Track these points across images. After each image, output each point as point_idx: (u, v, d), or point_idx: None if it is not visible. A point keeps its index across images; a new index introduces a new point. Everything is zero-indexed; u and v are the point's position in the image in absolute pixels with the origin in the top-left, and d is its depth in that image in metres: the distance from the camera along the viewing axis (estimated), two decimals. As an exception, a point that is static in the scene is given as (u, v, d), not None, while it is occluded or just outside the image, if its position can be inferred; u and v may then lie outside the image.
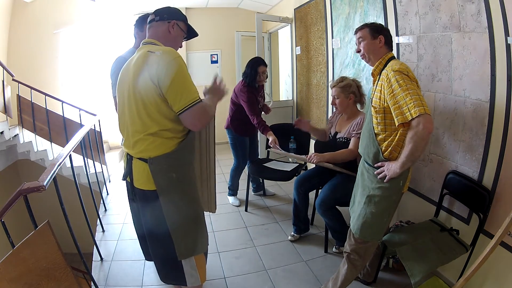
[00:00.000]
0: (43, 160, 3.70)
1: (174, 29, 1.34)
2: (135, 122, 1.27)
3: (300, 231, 2.48)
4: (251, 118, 2.73)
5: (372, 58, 1.55)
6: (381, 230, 1.58)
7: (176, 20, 1.35)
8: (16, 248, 1.44)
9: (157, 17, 1.34)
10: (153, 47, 1.27)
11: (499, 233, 1.37)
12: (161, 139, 1.25)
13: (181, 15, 1.39)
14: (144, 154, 1.27)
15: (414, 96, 1.29)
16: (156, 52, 1.22)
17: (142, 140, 1.26)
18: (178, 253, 1.32)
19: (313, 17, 3.51)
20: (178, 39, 1.39)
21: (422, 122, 1.26)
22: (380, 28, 1.55)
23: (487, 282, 1.62)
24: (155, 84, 1.20)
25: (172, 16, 1.34)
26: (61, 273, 1.51)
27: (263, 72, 2.75)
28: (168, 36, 1.34)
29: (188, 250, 1.34)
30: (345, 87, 2.11)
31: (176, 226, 1.30)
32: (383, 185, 1.49)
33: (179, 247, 1.31)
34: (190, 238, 1.34)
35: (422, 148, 1.32)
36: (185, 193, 1.33)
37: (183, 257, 1.34)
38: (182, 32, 1.39)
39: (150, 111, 1.23)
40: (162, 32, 1.34)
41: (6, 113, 3.47)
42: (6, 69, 3.54)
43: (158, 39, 1.33)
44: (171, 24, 1.33)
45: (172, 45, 1.34)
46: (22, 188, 1.60)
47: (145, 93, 1.22)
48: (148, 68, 1.20)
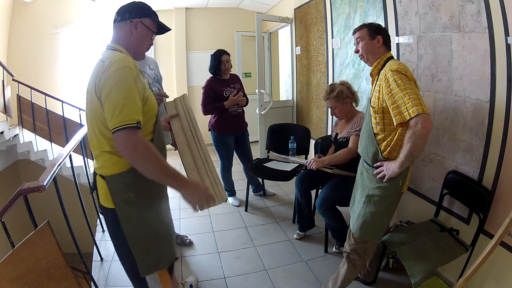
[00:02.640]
0: (43, 160, 3.70)
1: (138, 28, 1.20)
2: (92, 137, 1.18)
3: (305, 229, 2.49)
4: (201, 109, 2.80)
5: (371, 58, 1.55)
6: (381, 230, 1.58)
7: (139, 18, 1.20)
8: (16, 248, 1.44)
9: (118, 17, 1.20)
10: (108, 54, 1.15)
11: (499, 233, 1.37)
12: (116, 156, 1.13)
13: (147, 11, 1.24)
14: (102, 171, 1.18)
15: (412, 95, 1.29)
16: (105, 61, 1.09)
17: (99, 156, 1.17)
18: (140, 270, 1.24)
19: (313, 17, 3.51)
20: (144, 39, 1.24)
21: (420, 121, 1.27)
22: (378, 28, 1.55)
23: (487, 282, 1.62)
24: (98, 98, 1.07)
25: (134, 14, 1.20)
26: (61, 273, 1.51)
27: (227, 61, 2.79)
28: (130, 37, 1.20)
29: (150, 267, 1.26)
30: (338, 95, 2.12)
31: (137, 245, 1.22)
32: (382, 185, 1.49)
33: (141, 265, 1.24)
34: (153, 255, 1.26)
35: (420, 148, 1.32)
36: (144, 212, 1.22)
37: (145, 274, 1.26)
38: (148, 31, 1.24)
39: (101, 128, 1.11)
40: (124, 34, 1.20)
41: (6, 113, 3.47)
42: (6, 69, 3.54)
43: (119, 42, 1.20)
44: (134, 23, 1.19)
45: (137, 47, 1.23)
46: (22, 188, 1.60)
47: (94, 109, 1.10)
48: (95, 80, 1.08)
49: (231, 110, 2.82)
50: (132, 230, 1.20)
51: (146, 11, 1.24)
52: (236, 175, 3.32)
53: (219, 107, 2.77)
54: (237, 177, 3.35)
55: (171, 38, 5.14)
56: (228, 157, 2.98)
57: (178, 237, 2.45)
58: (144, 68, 2.02)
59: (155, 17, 1.27)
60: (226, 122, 2.84)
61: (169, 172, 1.10)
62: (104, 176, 1.17)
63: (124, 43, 1.20)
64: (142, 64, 1.98)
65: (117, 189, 1.17)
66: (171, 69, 5.19)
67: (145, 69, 2.03)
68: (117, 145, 1.05)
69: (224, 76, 2.84)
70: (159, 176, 1.09)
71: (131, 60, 1.16)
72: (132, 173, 1.14)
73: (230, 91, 2.82)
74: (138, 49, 1.24)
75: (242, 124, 2.98)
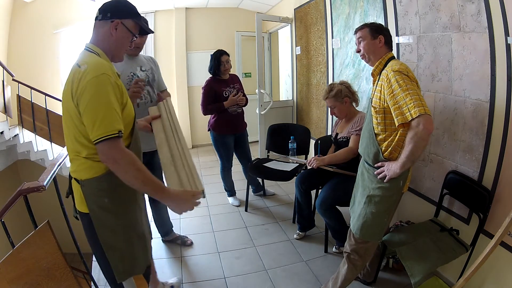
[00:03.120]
0: (43, 160, 3.70)
1: (118, 30, 1.14)
2: (67, 140, 1.16)
3: (305, 229, 2.49)
4: (201, 109, 2.82)
5: (372, 58, 1.54)
6: (381, 230, 1.58)
7: (121, 18, 1.14)
8: (16, 248, 1.44)
9: (100, 14, 1.15)
10: (84, 57, 1.11)
11: (499, 233, 1.37)
12: (91, 161, 1.12)
13: (130, 12, 1.18)
14: (76, 175, 1.16)
15: (414, 96, 1.29)
16: (82, 67, 1.05)
17: (74, 159, 1.16)
18: (116, 277, 1.24)
19: (313, 17, 3.51)
20: (123, 42, 1.18)
21: (422, 122, 1.26)
22: (380, 28, 1.55)
23: (487, 282, 1.62)
24: (75, 106, 1.05)
25: (116, 14, 1.14)
26: (61, 273, 1.51)
27: (226, 61, 2.79)
28: (109, 38, 1.15)
29: (125, 273, 1.25)
30: (337, 95, 2.13)
31: (112, 250, 1.21)
32: (383, 185, 1.49)
33: (116, 269, 1.23)
34: (127, 260, 1.25)
35: (422, 148, 1.32)
36: (119, 217, 1.21)
37: (121, 280, 1.25)
38: (128, 33, 1.17)
39: (77, 135, 1.10)
40: (103, 35, 1.15)
41: (6, 113, 3.47)
42: (6, 69, 3.54)
43: (97, 43, 1.16)
44: (114, 24, 1.13)
45: (116, 49, 1.18)
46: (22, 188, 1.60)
47: (70, 114, 1.08)
48: (71, 85, 1.05)
49: (231, 110, 2.82)
50: (107, 235, 1.19)
51: (129, 11, 1.18)
52: (236, 175, 3.32)
53: (219, 107, 2.77)
54: (237, 177, 3.35)
55: (171, 38, 5.14)
56: (227, 157, 2.98)
57: (179, 238, 2.45)
58: (134, 69, 1.90)
59: (138, 18, 1.21)
60: (226, 122, 2.84)
61: (150, 183, 1.08)
62: (78, 180, 1.16)
63: (103, 44, 1.16)
64: (131, 66, 1.89)
65: (91, 194, 1.15)
66: (171, 69, 5.19)
67: (134, 71, 1.90)
68: (99, 156, 1.04)
69: (223, 76, 2.84)
70: (141, 187, 1.08)
71: (108, 65, 1.11)
72: (106, 178, 1.13)
73: (229, 91, 2.82)
74: (116, 52, 1.19)
75: (242, 124, 2.98)
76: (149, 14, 5.03)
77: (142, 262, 1.31)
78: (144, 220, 1.37)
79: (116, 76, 1.12)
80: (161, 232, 2.42)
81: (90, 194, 1.16)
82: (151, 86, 2.00)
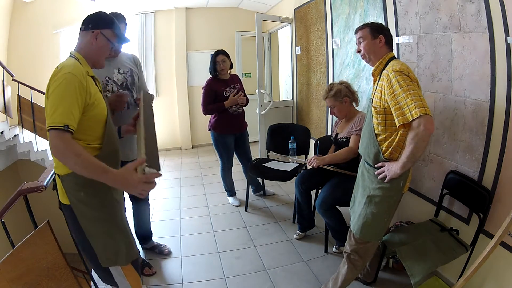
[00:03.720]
0: (43, 160, 3.70)
1: (98, 39, 1.27)
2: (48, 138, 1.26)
3: (305, 229, 2.49)
4: (201, 109, 2.82)
5: (373, 58, 1.54)
6: (382, 230, 1.58)
7: (101, 29, 1.27)
8: (16, 248, 1.44)
9: (83, 26, 1.28)
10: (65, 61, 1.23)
11: (499, 233, 1.37)
12: None
13: (109, 22, 1.30)
14: (57, 170, 1.26)
15: (415, 96, 1.29)
16: (59, 67, 1.17)
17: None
18: (100, 261, 1.32)
19: (313, 17, 3.51)
20: (103, 50, 1.30)
21: (423, 123, 1.26)
22: (381, 28, 1.54)
23: (487, 282, 1.62)
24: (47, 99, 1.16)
25: (97, 25, 1.27)
26: (61, 273, 1.51)
27: (222, 61, 2.78)
28: (90, 47, 1.27)
29: (109, 260, 1.33)
30: (337, 94, 2.13)
31: (94, 238, 1.30)
32: (383, 186, 1.49)
33: (100, 256, 1.32)
34: (110, 250, 1.32)
35: (422, 149, 1.32)
36: (95, 210, 1.28)
37: (106, 265, 1.34)
38: (107, 42, 1.30)
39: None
40: (85, 43, 1.28)
41: (6, 113, 3.47)
42: (6, 69, 3.54)
43: (80, 50, 1.28)
44: (95, 34, 1.27)
45: (95, 57, 1.29)
46: (22, 188, 1.60)
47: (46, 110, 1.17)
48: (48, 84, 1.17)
49: (231, 110, 2.82)
50: (88, 225, 1.29)
51: (108, 22, 1.30)
52: (236, 175, 3.32)
53: (219, 107, 2.77)
54: (237, 177, 3.35)
55: (171, 38, 5.14)
56: (228, 157, 2.98)
57: (156, 247, 2.34)
58: (110, 73, 1.80)
59: (116, 28, 1.33)
60: (226, 122, 2.84)
61: (91, 166, 1.11)
62: (59, 175, 1.26)
63: (84, 52, 1.28)
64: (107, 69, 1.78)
65: (70, 188, 1.25)
66: (171, 69, 5.19)
67: (111, 74, 1.80)
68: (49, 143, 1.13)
69: (223, 76, 2.84)
70: (84, 171, 1.11)
71: (81, 68, 1.20)
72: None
73: (230, 91, 2.82)
74: (97, 59, 1.31)
75: (242, 124, 2.98)
76: (149, 14, 5.03)
77: (124, 256, 1.35)
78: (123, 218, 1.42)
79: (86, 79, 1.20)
80: (140, 239, 2.31)
81: (69, 188, 1.25)
82: (129, 90, 1.87)
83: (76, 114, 1.13)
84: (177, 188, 3.68)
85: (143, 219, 2.26)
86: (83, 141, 1.22)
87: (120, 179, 1.12)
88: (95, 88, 1.26)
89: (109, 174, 1.12)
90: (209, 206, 3.14)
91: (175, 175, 4.14)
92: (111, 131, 1.33)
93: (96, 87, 1.29)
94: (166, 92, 5.22)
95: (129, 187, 1.12)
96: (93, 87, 1.25)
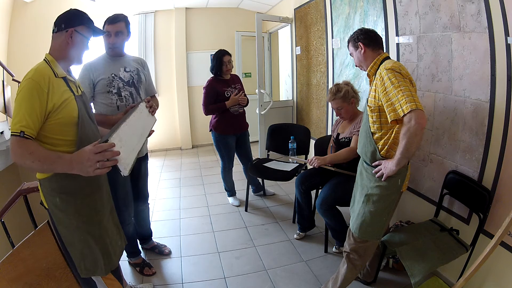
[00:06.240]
0: (43, 160, 3.69)
1: (73, 37, 1.26)
2: None
3: (305, 229, 2.49)
4: (202, 109, 2.81)
5: (364, 66, 1.61)
6: (380, 229, 1.58)
7: (74, 26, 1.26)
8: (16, 248, 1.44)
9: (55, 27, 1.27)
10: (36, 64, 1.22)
11: (499, 233, 1.37)
12: None
13: (81, 19, 1.30)
14: (37, 175, 1.26)
15: (406, 92, 1.30)
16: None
17: None
18: (79, 270, 1.30)
19: (313, 17, 3.51)
20: (81, 45, 1.30)
21: (414, 117, 1.27)
22: (357, 34, 1.59)
23: (487, 282, 1.62)
24: None
25: (69, 23, 1.26)
26: (61, 273, 1.51)
27: (228, 61, 2.79)
28: (67, 46, 1.26)
29: (88, 270, 1.31)
30: (345, 95, 2.11)
31: (72, 246, 1.28)
32: (381, 184, 1.49)
33: (79, 266, 1.30)
34: (88, 259, 1.30)
35: (416, 144, 1.32)
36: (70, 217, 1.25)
37: (84, 276, 1.31)
38: (83, 38, 1.30)
39: None
40: (60, 44, 1.26)
41: (6, 113, 3.47)
42: (6, 69, 3.54)
43: (52, 52, 1.27)
44: (69, 33, 1.25)
45: (74, 54, 1.29)
46: (22, 188, 1.60)
47: None
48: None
49: (233, 110, 2.82)
50: (65, 232, 1.27)
51: (80, 19, 1.30)
52: (236, 175, 3.32)
53: (221, 107, 2.77)
54: (237, 177, 3.35)
55: (171, 38, 5.14)
56: (229, 157, 2.98)
57: (156, 247, 2.35)
58: (116, 70, 1.86)
59: (89, 23, 1.33)
60: (227, 122, 2.84)
61: (47, 159, 1.10)
62: (38, 179, 1.26)
63: (57, 53, 1.27)
64: (114, 67, 1.85)
65: (46, 193, 1.25)
66: (171, 69, 5.19)
67: (117, 72, 1.86)
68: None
69: (225, 76, 2.84)
70: (42, 166, 1.12)
71: (44, 72, 1.18)
72: (56, 179, 1.22)
73: (231, 91, 2.83)
74: (76, 56, 1.31)
75: (243, 124, 2.98)
76: (149, 14, 5.03)
77: (102, 266, 1.33)
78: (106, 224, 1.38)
79: (49, 83, 1.16)
80: (140, 239, 2.30)
81: (46, 194, 1.25)
82: (135, 88, 1.92)
83: (34, 119, 1.11)
84: (177, 188, 3.68)
85: (143, 219, 2.26)
86: (50, 145, 1.18)
87: (75, 158, 1.09)
88: (64, 91, 1.22)
89: (63, 158, 1.10)
90: (209, 206, 3.14)
91: (175, 175, 4.14)
92: (86, 135, 1.26)
93: (68, 88, 1.25)
94: (166, 92, 5.21)
95: (84, 163, 1.06)
96: (61, 89, 1.20)
